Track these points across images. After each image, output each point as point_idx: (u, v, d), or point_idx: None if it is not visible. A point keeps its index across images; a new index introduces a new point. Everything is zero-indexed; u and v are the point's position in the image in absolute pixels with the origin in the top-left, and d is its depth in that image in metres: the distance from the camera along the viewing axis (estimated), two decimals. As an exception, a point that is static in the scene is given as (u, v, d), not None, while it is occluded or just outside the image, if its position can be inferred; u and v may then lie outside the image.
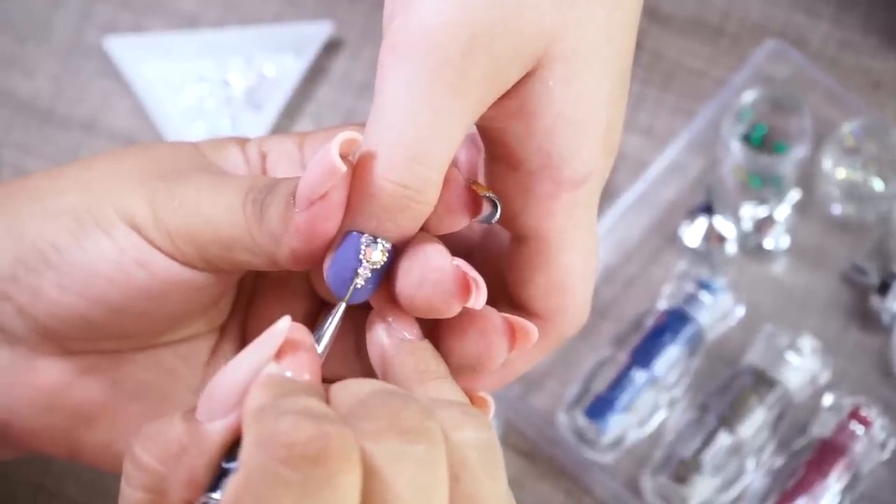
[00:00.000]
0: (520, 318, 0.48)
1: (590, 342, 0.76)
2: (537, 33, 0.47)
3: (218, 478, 0.43)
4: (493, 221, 0.48)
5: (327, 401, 0.43)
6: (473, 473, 0.41)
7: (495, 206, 0.48)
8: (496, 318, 0.47)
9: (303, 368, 0.43)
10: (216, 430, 0.43)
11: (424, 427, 0.40)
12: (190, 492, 0.43)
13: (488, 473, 0.42)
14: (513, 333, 0.47)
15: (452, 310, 0.46)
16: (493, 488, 0.42)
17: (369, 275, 0.46)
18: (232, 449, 0.43)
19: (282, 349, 0.43)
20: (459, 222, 0.48)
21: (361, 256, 0.46)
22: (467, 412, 0.42)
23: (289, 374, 0.43)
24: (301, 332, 0.44)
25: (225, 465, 0.43)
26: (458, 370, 0.48)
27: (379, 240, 0.46)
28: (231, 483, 0.39)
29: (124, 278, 0.49)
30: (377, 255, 0.46)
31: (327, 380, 0.53)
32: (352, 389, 0.43)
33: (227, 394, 0.42)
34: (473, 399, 0.49)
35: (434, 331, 0.48)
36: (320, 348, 0.46)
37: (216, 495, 0.42)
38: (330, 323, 0.47)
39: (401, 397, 0.41)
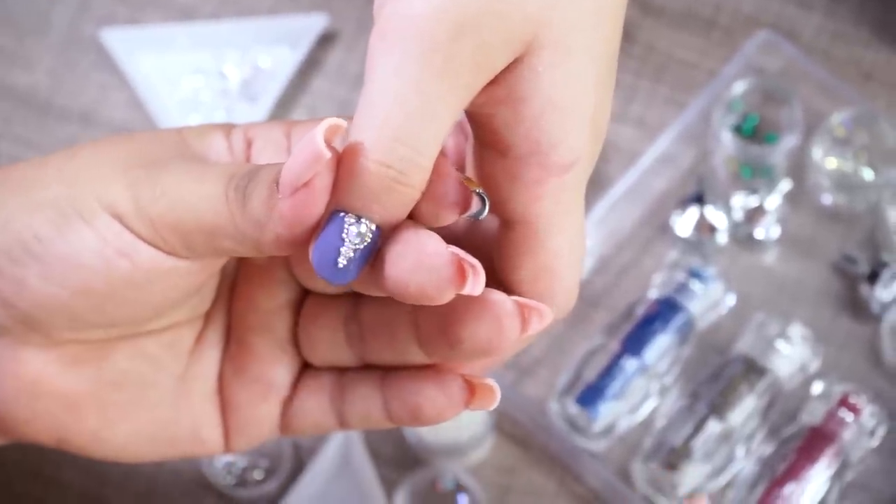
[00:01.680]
0: (531, 301, 0.48)
1: (581, 331, 0.77)
2: (525, 20, 0.47)
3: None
4: (480, 217, 0.48)
5: None
6: None
7: (484, 203, 0.48)
8: (507, 301, 0.47)
9: None
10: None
11: None
12: None
13: None
14: (524, 316, 0.48)
15: (445, 296, 0.46)
16: None
17: (352, 255, 0.46)
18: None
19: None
20: (449, 217, 0.47)
21: (344, 235, 0.46)
22: None
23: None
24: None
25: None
26: (470, 355, 0.48)
27: (363, 220, 0.46)
28: None
29: (108, 268, 0.49)
30: (361, 234, 0.46)
31: (316, 367, 0.53)
32: None
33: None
34: (478, 387, 0.49)
35: (445, 317, 0.48)
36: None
37: None
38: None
39: None
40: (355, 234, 0.45)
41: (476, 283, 0.45)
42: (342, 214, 0.46)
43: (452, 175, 0.47)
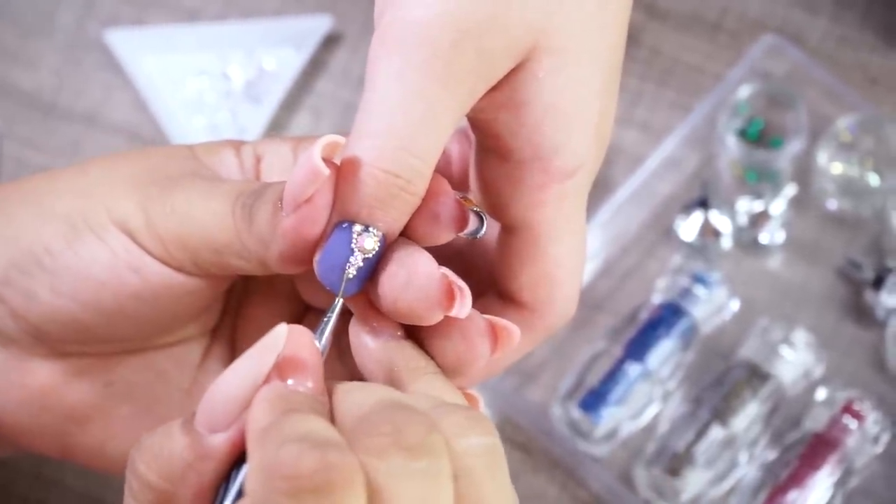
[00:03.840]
0: (502, 320, 0.48)
1: (584, 335, 0.77)
2: (526, 27, 0.47)
3: (225, 489, 0.43)
4: (478, 236, 0.49)
5: (330, 408, 0.43)
6: (477, 480, 0.42)
7: (482, 222, 0.48)
8: (478, 320, 0.47)
9: (305, 375, 0.44)
10: (220, 443, 0.43)
11: (428, 441, 0.41)
12: None
13: (491, 477, 0.42)
14: (495, 335, 0.47)
15: (434, 317, 0.46)
16: (497, 490, 0.42)
17: (361, 264, 0.46)
18: (238, 459, 0.43)
19: (283, 359, 0.43)
20: (445, 236, 0.48)
21: (353, 245, 0.46)
22: (471, 417, 0.43)
23: (291, 381, 0.43)
24: (302, 334, 0.44)
25: (232, 476, 0.43)
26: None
27: (371, 229, 0.46)
28: None
29: (117, 282, 0.49)
30: (370, 243, 0.46)
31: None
32: (355, 398, 0.43)
33: (227, 405, 0.43)
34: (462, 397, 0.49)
35: (415, 335, 0.48)
36: (321, 344, 0.47)
37: None
38: (329, 318, 0.47)
39: (403, 410, 0.41)
40: (364, 243, 0.46)
41: (463, 306, 0.46)
42: (347, 225, 0.46)
43: (449, 194, 0.47)
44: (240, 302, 0.55)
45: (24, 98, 0.83)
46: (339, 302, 0.47)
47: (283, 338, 0.43)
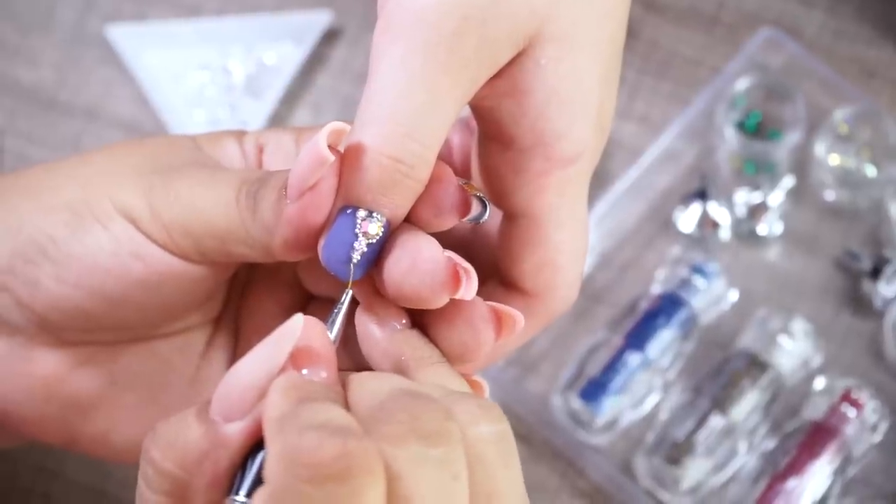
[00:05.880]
0: (505, 306, 0.48)
1: (585, 326, 0.77)
2: (529, 15, 0.47)
3: (241, 477, 0.44)
4: (481, 221, 0.49)
5: (345, 397, 0.44)
6: (490, 467, 0.42)
7: (484, 207, 0.49)
8: (482, 306, 0.47)
9: (319, 365, 0.44)
10: (236, 432, 0.43)
11: (444, 429, 0.41)
12: (214, 493, 0.43)
13: (503, 463, 0.43)
14: (499, 321, 0.48)
15: (440, 300, 0.46)
16: (508, 477, 0.43)
17: (365, 249, 0.46)
18: (253, 447, 0.44)
19: (297, 350, 0.44)
20: (448, 222, 0.48)
21: (358, 230, 0.46)
22: (482, 406, 0.43)
23: (305, 371, 0.44)
24: (315, 325, 0.44)
25: (248, 464, 0.43)
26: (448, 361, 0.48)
27: (375, 214, 0.46)
28: (257, 500, 0.40)
29: (121, 270, 0.49)
30: (374, 228, 0.46)
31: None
32: (370, 387, 0.44)
33: (243, 395, 0.43)
34: (469, 384, 0.49)
35: (420, 323, 0.48)
36: (333, 335, 0.47)
37: (241, 497, 0.43)
38: (339, 309, 0.47)
39: (419, 398, 0.42)
40: (369, 228, 0.46)
41: (469, 288, 0.46)
42: (351, 210, 0.46)
43: (452, 180, 0.47)
44: (243, 290, 0.55)
45: (25, 93, 0.83)
46: (349, 292, 0.47)
47: (299, 328, 0.43)
